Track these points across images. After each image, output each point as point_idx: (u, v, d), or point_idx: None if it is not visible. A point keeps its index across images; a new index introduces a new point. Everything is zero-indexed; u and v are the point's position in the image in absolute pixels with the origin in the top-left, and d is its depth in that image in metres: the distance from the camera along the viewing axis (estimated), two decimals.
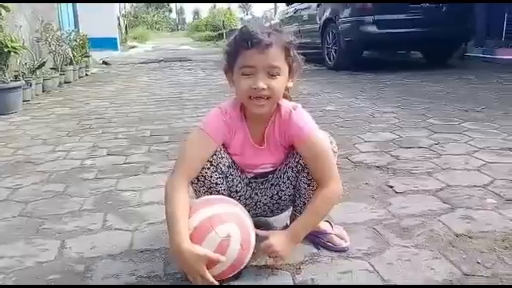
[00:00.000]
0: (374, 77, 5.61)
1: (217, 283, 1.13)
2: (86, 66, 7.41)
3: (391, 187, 1.87)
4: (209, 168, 1.28)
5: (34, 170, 2.29)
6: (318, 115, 3.34)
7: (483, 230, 1.46)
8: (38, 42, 5.79)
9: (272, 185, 1.40)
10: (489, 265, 1.25)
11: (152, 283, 1.21)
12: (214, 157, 1.28)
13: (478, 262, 1.27)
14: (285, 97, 1.32)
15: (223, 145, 1.31)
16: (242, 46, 1.20)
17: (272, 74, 1.21)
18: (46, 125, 3.45)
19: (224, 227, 1.15)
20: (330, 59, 6.70)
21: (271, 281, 1.21)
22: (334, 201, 1.33)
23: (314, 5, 7.14)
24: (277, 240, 1.23)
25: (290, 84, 1.30)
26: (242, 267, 1.20)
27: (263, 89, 1.20)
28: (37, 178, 2.17)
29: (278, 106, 1.30)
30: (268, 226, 1.52)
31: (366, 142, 2.61)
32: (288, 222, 1.47)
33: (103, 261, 1.34)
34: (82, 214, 1.70)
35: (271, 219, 1.53)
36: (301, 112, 1.31)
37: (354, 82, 5.30)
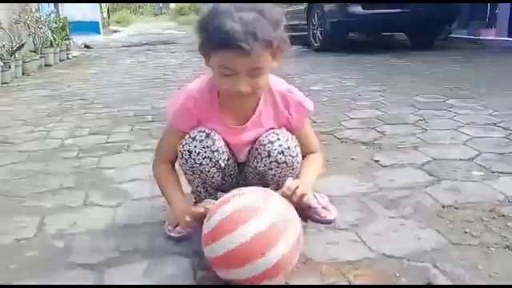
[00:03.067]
0: (360, 58, 5.59)
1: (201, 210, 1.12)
2: (67, 49, 7.24)
3: (377, 161, 1.85)
4: (207, 164, 1.21)
5: (12, 150, 2.22)
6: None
7: (470, 201, 1.45)
8: (16, 23, 5.62)
9: (242, 169, 1.36)
10: (476, 234, 1.25)
11: (136, 257, 1.18)
12: (216, 154, 1.21)
13: (466, 232, 1.26)
14: None
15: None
16: (218, 46, 1.05)
17: (254, 73, 1.09)
18: (25, 106, 3.35)
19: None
20: (315, 41, 6.65)
21: None
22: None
23: None
24: (292, 181, 1.15)
25: (275, 65, 1.16)
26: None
27: (245, 91, 1.10)
28: (16, 157, 2.10)
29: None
30: None
31: (351, 119, 2.59)
32: None
33: (84, 237, 1.30)
34: (63, 192, 1.65)
35: None
36: (295, 93, 1.30)
37: (340, 62, 5.27)
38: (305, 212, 1.35)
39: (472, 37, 6.95)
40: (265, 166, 1.24)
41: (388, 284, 1.03)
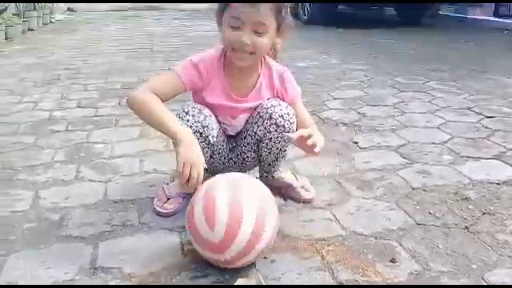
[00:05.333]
0: (347, 33, 5.62)
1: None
2: (51, 12, 7.06)
3: (356, 143, 1.96)
4: (198, 138, 1.26)
5: (1, 122, 2.25)
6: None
7: (438, 184, 1.58)
8: None
9: (237, 144, 1.45)
10: (439, 215, 1.37)
11: (127, 231, 1.27)
12: (206, 129, 1.29)
13: (430, 213, 1.38)
14: (269, 55, 1.39)
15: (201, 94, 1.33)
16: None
17: (258, 31, 1.22)
18: (11, 75, 3.34)
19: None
20: (304, 13, 6.63)
21: None
22: None
23: None
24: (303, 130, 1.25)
25: (279, 41, 1.35)
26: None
27: (247, 44, 1.22)
28: (5, 129, 2.14)
29: (267, 64, 1.37)
30: None
31: (335, 99, 2.67)
32: (258, 175, 1.54)
33: (78, 210, 1.39)
34: (55, 166, 1.72)
35: None
36: (290, 74, 1.44)
37: (327, 37, 5.30)
38: (285, 191, 1.46)
39: (459, 15, 7.01)
40: (265, 128, 1.33)
41: (355, 258, 1.15)
